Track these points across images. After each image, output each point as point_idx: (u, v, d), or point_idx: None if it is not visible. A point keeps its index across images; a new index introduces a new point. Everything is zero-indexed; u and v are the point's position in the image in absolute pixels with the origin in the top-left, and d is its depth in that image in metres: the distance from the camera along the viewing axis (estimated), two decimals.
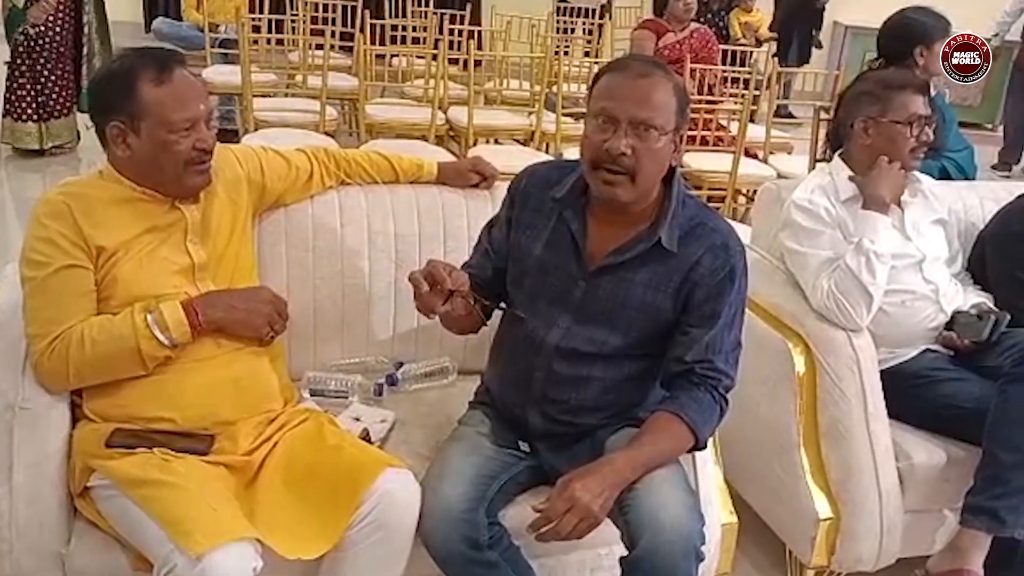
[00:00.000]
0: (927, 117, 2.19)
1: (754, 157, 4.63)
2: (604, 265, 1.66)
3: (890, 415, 2.06)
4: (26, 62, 4.87)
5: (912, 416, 2.13)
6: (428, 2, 6.44)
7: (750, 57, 5.86)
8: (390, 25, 5.89)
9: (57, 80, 4.95)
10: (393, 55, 5.43)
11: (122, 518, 1.54)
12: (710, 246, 1.64)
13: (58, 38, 4.90)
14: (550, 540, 1.50)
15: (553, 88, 4.83)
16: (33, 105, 4.93)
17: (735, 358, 1.68)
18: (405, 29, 5.99)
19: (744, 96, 4.33)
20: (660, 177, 1.64)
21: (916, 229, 2.24)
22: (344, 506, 1.53)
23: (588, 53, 6.77)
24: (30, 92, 4.91)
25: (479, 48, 5.32)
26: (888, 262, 2.08)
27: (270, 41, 5.29)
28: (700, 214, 1.68)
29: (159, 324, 1.59)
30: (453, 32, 5.45)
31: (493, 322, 1.81)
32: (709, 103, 4.58)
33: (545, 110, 4.75)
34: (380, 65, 5.02)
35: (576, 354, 1.68)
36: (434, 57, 4.56)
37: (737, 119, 4.36)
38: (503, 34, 6.23)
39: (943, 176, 2.84)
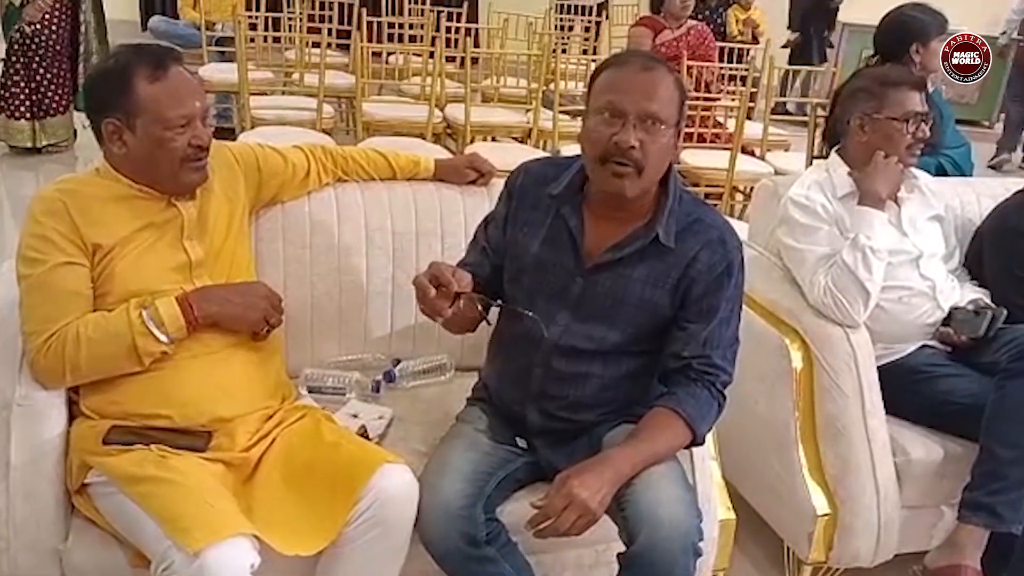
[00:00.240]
0: (924, 114, 2.19)
1: (751, 154, 4.64)
2: (602, 262, 1.66)
3: (887, 411, 2.07)
4: (21, 60, 4.86)
5: (909, 412, 2.13)
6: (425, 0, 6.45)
7: (747, 54, 5.87)
8: (387, 23, 5.91)
9: (52, 78, 4.95)
10: (390, 53, 5.44)
11: (119, 515, 1.53)
12: (707, 241, 1.64)
13: (54, 36, 4.90)
14: (548, 536, 1.49)
15: (550, 86, 4.82)
16: (27, 103, 4.93)
17: (733, 354, 1.68)
18: (402, 27, 6.00)
19: (741, 92, 4.34)
20: (663, 171, 1.64)
21: (913, 225, 2.24)
22: (342, 502, 1.53)
23: (586, 51, 6.79)
24: (24, 90, 4.91)
25: (476, 46, 5.32)
26: (885, 258, 2.08)
27: (267, 39, 5.29)
28: (697, 210, 1.67)
29: (155, 320, 1.58)
30: (450, 30, 5.46)
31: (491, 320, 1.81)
32: (706, 100, 4.58)
33: (542, 108, 4.75)
34: (377, 63, 5.01)
35: (575, 351, 1.67)
36: (431, 55, 4.56)
37: (734, 116, 4.37)
38: (500, 32, 6.22)
39: (940, 173, 2.85)
